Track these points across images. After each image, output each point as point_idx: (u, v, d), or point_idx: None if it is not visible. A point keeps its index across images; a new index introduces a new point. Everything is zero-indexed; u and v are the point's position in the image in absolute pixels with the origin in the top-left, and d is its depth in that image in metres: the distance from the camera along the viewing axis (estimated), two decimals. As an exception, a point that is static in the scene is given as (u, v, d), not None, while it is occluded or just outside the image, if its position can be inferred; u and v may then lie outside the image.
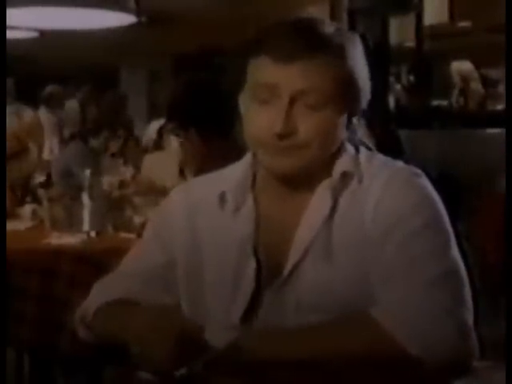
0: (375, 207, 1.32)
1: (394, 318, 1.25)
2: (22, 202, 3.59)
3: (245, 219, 1.40)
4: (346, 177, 1.36)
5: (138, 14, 3.93)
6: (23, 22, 4.35)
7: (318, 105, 1.31)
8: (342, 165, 1.37)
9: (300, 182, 1.38)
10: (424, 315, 1.24)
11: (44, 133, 5.90)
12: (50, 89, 7.23)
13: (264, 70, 1.33)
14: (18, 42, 5.94)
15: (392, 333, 1.23)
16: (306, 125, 1.31)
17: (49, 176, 3.88)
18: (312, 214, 1.36)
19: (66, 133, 6.70)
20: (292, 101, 1.31)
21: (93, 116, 6.68)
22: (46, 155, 6.36)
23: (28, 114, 6.57)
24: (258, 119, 1.34)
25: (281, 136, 1.31)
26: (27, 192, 3.71)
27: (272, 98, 1.32)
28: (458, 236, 1.35)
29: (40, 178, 3.71)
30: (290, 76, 1.30)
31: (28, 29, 6.04)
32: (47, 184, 3.76)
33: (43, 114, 6.96)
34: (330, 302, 1.31)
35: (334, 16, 6.62)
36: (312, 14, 7.83)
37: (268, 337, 1.31)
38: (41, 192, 3.53)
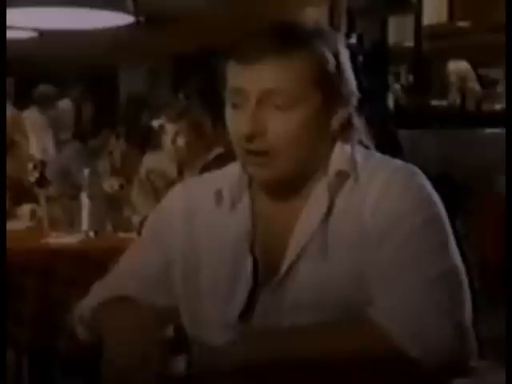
0: (374, 206, 1.32)
1: (391, 318, 1.25)
2: (18, 202, 3.58)
3: (241, 216, 1.40)
4: (341, 176, 1.36)
5: (136, 14, 3.92)
6: (23, 22, 4.34)
7: (287, 105, 1.31)
8: (337, 164, 1.36)
9: (293, 184, 1.38)
10: (422, 315, 1.24)
11: (26, 129, 5.85)
12: (41, 88, 7.17)
13: (233, 75, 1.34)
14: (18, 42, 5.94)
15: (389, 333, 1.24)
16: (276, 126, 1.31)
17: (42, 175, 3.87)
18: (309, 214, 1.35)
19: (62, 133, 6.70)
20: (259, 102, 1.31)
21: (88, 115, 6.68)
22: (36, 153, 6.35)
23: (9, 110, 6.55)
24: (232, 124, 1.36)
25: (248, 137, 1.31)
26: (23, 191, 3.70)
27: (242, 101, 1.33)
28: (457, 236, 1.35)
29: (32, 177, 3.69)
30: (256, 78, 1.31)
31: (28, 29, 6.03)
32: (43, 183, 3.75)
33: (34, 113, 6.91)
34: (327, 301, 1.31)
35: (333, 16, 6.62)
36: (311, 14, 7.86)
37: (266, 337, 1.31)
38: (38, 191, 3.52)
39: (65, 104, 7.48)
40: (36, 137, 6.63)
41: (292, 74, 1.31)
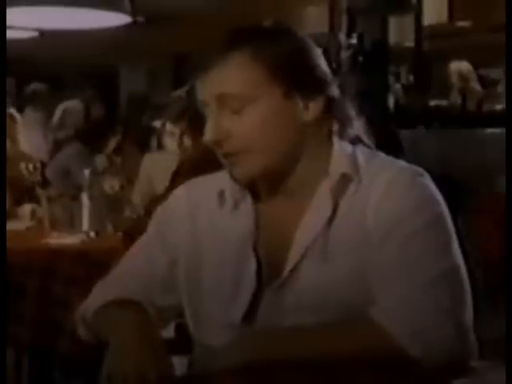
0: (377, 207, 1.32)
1: (392, 318, 1.25)
2: (19, 202, 3.58)
3: (244, 217, 1.40)
4: (344, 179, 1.35)
5: (133, 14, 3.92)
6: (23, 22, 4.34)
7: (242, 106, 1.33)
8: (339, 166, 1.36)
9: (281, 182, 1.38)
10: (423, 315, 1.24)
11: (14, 130, 5.82)
12: (33, 86, 7.12)
13: (197, 89, 1.38)
14: (18, 42, 5.93)
15: (390, 333, 1.24)
16: (237, 128, 1.33)
17: (43, 175, 3.88)
18: (312, 216, 1.35)
19: (63, 133, 6.67)
20: (218, 108, 1.34)
21: (97, 115, 6.65)
22: (30, 152, 6.34)
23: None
24: None
25: (214, 143, 1.35)
26: (24, 191, 3.70)
27: (207, 111, 1.36)
28: (458, 236, 1.35)
29: (34, 177, 3.70)
30: (209, 86, 1.35)
31: (28, 29, 6.03)
32: (44, 184, 3.75)
33: (29, 112, 6.88)
34: (329, 303, 1.31)
35: (333, 15, 6.62)
36: (311, 14, 7.83)
37: (266, 337, 1.31)
38: (39, 191, 3.53)
39: (72, 104, 7.47)
40: (29, 135, 6.61)
41: (239, 75, 1.33)
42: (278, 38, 1.37)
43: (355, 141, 1.43)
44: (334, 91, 1.38)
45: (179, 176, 2.74)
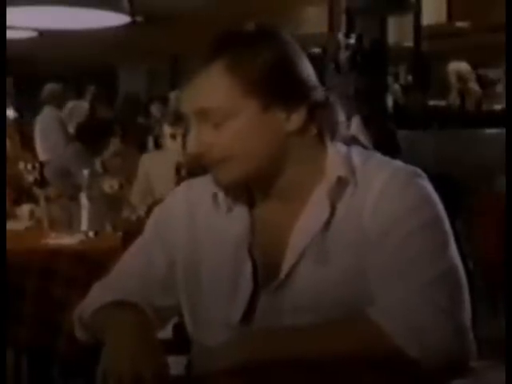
0: (373, 208, 1.32)
1: (391, 319, 1.25)
2: (17, 202, 3.58)
3: (238, 220, 1.39)
4: (341, 182, 1.34)
5: (132, 13, 3.92)
6: (23, 22, 4.34)
7: (220, 120, 1.32)
8: (335, 169, 1.35)
9: (269, 185, 1.37)
10: (421, 316, 1.24)
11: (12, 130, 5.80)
12: (49, 87, 7.14)
13: (180, 103, 1.39)
14: (18, 42, 5.94)
15: (389, 333, 1.24)
16: (217, 141, 1.33)
17: (42, 175, 3.87)
18: (309, 219, 1.35)
19: (70, 127, 6.70)
20: (198, 122, 1.34)
21: (102, 115, 6.66)
22: (43, 153, 6.36)
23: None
24: None
25: (196, 156, 1.35)
26: (22, 191, 3.69)
27: (190, 124, 1.36)
28: (456, 236, 1.35)
29: (32, 177, 3.68)
30: (188, 99, 1.36)
31: (28, 29, 6.03)
32: (42, 184, 3.74)
33: (47, 112, 6.89)
34: (327, 303, 1.31)
35: (332, 16, 6.63)
36: (311, 14, 7.83)
37: (264, 337, 1.31)
38: (37, 191, 3.52)
39: (78, 104, 7.50)
40: (49, 134, 6.63)
41: (216, 90, 1.31)
42: (258, 46, 1.33)
43: (350, 141, 1.42)
44: (319, 95, 1.36)
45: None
